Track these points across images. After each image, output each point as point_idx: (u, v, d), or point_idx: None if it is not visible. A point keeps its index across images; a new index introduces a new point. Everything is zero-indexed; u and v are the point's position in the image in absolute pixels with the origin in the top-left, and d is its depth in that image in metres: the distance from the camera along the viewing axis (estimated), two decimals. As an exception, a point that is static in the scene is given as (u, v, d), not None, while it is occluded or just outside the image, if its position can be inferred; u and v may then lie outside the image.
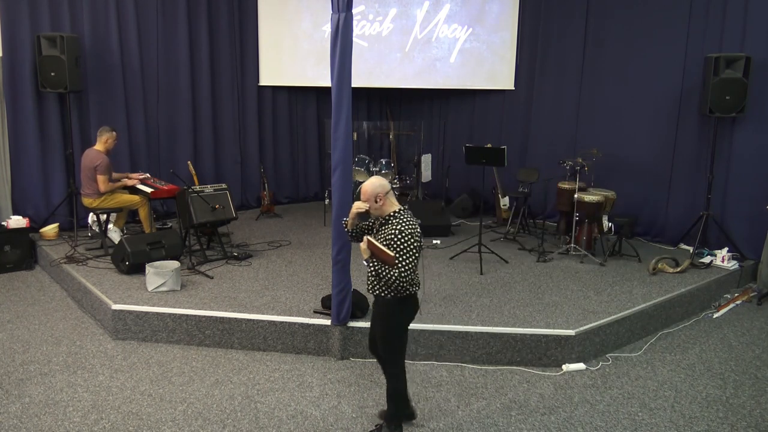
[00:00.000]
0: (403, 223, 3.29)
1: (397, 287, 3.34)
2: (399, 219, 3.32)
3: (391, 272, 3.26)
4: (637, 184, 7.38)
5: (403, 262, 3.24)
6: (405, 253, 3.25)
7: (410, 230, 3.27)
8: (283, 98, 9.26)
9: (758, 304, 5.99)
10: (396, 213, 3.37)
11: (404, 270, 3.25)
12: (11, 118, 6.87)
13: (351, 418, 3.82)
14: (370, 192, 3.35)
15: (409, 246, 3.25)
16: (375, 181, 3.39)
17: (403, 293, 3.39)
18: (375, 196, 3.34)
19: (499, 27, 8.63)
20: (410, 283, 3.38)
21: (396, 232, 3.26)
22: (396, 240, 3.24)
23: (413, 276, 3.35)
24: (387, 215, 3.38)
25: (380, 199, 3.35)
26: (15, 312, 5.46)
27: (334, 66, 4.28)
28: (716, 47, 6.62)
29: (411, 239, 3.26)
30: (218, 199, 6.35)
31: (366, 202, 3.39)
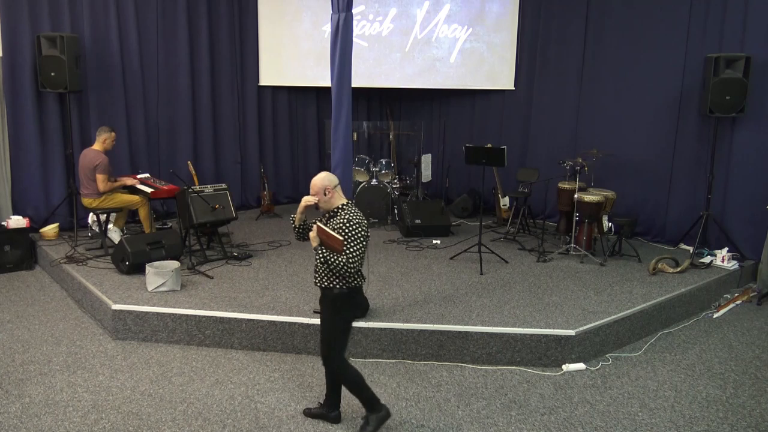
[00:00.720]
0: (350, 214, 3.41)
1: (345, 276, 3.41)
2: (347, 211, 3.44)
3: (339, 258, 3.34)
4: (637, 184, 7.38)
5: (350, 249, 3.34)
6: (352, 241, 3.35)
7: (358, 220, 3.40)
8: (283, 98, 9.26)
9: (758, 304, 5.99)
10: (344, 206, 3.48)
11: (351, 256, 3.34)
12: (11, 118, 6.88)
13: (351, 418, 3.82)
14: (320, 185, 3.46)
15: (356, 234, 3.36)
16: (324, 175, 3.50)
17: (351, 284, 3.46)
18: (324, 189, 3.45)
19: (499, 27, 8.63)
20: (359, 274, 3.48)
21: (345, 221, 3.37)
22: (345, 228, 3.35)
23: (360, 266, 3.44)
24: (335, 208, 3.49)
25: (329, 192, 3.46)
26: (15, 312, 5.46)
27: (334, 66, 4.29)
28: (716, 47, 6.62)
29: (359, 228, 3.37)
30: (218, 199, 6.35)
31: (315, 196, 3.49)
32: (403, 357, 4.63)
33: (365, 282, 3.59)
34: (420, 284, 5.63)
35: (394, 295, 5.29)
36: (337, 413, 3.77)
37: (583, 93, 7.89)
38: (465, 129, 9.34)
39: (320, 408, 3.81)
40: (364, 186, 7.82)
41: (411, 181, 8.69)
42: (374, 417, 3.59)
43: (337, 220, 3.41)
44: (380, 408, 3.61)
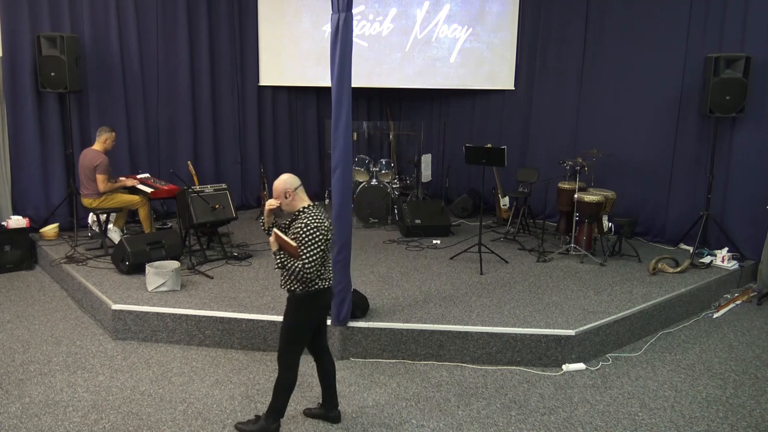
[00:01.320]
0: (309, 218, 3.37)
1: (303, 280, 3.38)
2: (307, 214, 3.41)
3: (295, 264, 3.32)
4: (637, 184, 7.38)
5: (306, 254, 3.31)
6: (309, 246, 3.31)
7: (316, 224, 3.34)
8: (283, 98, 9.26)
9: (758, 304, 5.99)
10: (305, 209, 3.45)
11: (307, 262, 3.30)
12: (11, 118, 6.87)
13: (351, 418, 3.82)
14: (281, 188, 3.43)
15: (313, 239, 3.32)
16: (285, 178, 3.47)
17: (312, 287, 3.43)
18: (284, 192, 3.43)
19: (499, 27, 8.63)
20: (318, 277, 3.43)
21: (302, 225, 3.34)
22: (301, 233, 3.32)
23: (319, 269, 3.41)
24: (297, 211, 3.46)
25: (290, 195, 3.43)
26: (15, 312, 5.46)
27: (334, 66, 4.28)
28: (716, 47, 6.62)
29: (316, 233, 3.33)
30: (218, 199, 6.35)
31: (277, 199, 3.46)
32: (403, 357, 4.63)
33: (330, 283, 3.53)
34: (420, 284, 5.63)
35: (394, 295, 5.29)
36: (336, 413, 3.78)
37: (583, 93, 7.89)
38: (465, 129, 9.34)
39: (319, 408, 3.81)
40: (364, 186, 7.82)
41: (411, 181, 8.70)
42: (264, 424, 3.55)
43: (297, 223, 3.38)
44: (275, 422, 3.56)
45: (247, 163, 8.96)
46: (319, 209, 3.48)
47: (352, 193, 6.06)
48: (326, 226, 3.41)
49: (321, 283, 3.46)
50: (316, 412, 3.81)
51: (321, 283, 3.46)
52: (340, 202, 4.39)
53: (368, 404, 4.00)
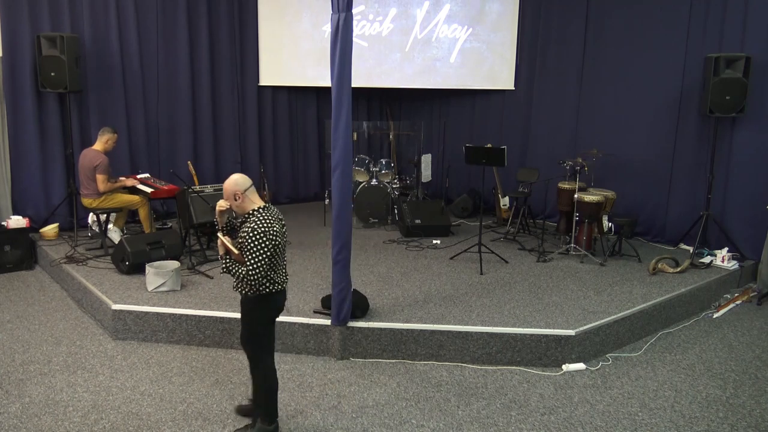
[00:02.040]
0: (257, 222, 3.28)
1: (251, 284, 3.34)
2: (256, 217, 3.32)
3: (240, 269, 3.29)
4: (637, 184, 7.38)
5: (251, 260, 3.24)
6: (253, 252, 3.24)
7: (263, 229, 3.25)
8: (283, 98, 9.27)
9: (758, 304, 5.99)
10: (254, 211, 3.36)
11: (251, 268, 3.24)
12: (11, 118, 6.88)
13: (351, 418, 3.83)
14: (230, 190, 3.35)
15: (258, 245, 3.24)
16: (235, 178, 3.39)
17: (262, 291, 3.39)
18: (233, 194, 3.35)
19: (499, 27, 8.63)
20: (269, 281, 3.38)
21: (249, 230, 3.27)
22: (247, 238, 3.26)
23: (268, 274, 3.36)
24: (247, 213, 3.38)
25: (239, 197, 3.34)
26: (15, 312, 5.46)
27: (334, 66, 4.28)
28: (716, 47, 6.62)
29: (263, 237, 3.25)
30: (218, 199, 6.32)
31: (227, 201, 3.40)
32: (403, 357, 4.63)
33: (283, 286, 3.48)
34: (420, 284, 5.63)
35: (394, 295, 5.29)
36: None
37: (583, 93, 7.89)
38: (465, 129, 9.34)
39: (251, 404, 3.77)
40: (364, 186, 7.82)
41: (411, 181, 8.70)
42: (262, 427, 3.54)
43: (245, 227, 3.31)
44: (273, 423, 3.55)
45: (247, 163, 8.96)
46: (271, 211, 3.39)
47: (352, 193, 6.06)
48: (276, 230, 3.30)
49: (271, 287, 3.40)
50: (247, 408, 3.79)
51: (271, 286, 3.40)
52: (340, 202, 4.39)
53: (368, 404, 4.00)
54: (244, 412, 3.80)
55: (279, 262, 3.41)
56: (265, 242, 3.25)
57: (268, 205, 3.42)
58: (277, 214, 3.44)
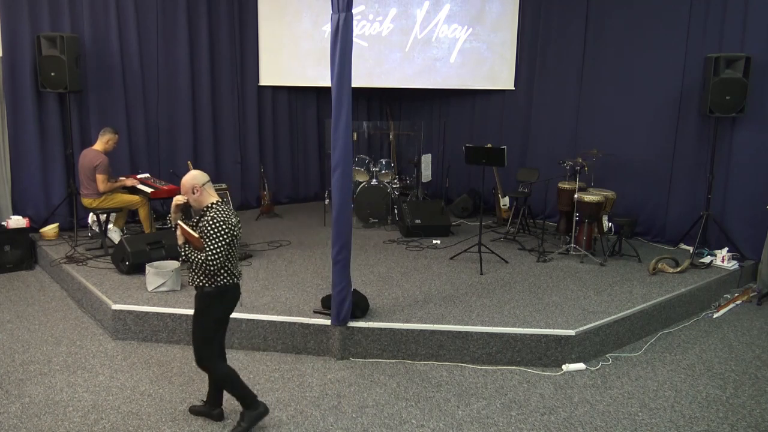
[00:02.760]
0: (216, 213, 3.41)
1: (210, 274, 3.42)
2: (215, 209, 3.44)
3: (199, 255, 3.38)
4: (637, 184, 7.38)
5: (210, 246, 3.35)
6: (213, 238, 3.35)
7: (222, 218, 3.39)
8: (283, 98, 9.26)
9: (758, 304, 5.99)
10: (212, 204, 3.48)
11: (210, 254, 3.34)
12: (11, 118, 6.88)
13: (351, 418, 3.83)
14: (188, 185, 3.47)
15: (217, 232, 3.36)
16: (193, 173, 3.51)
17: (220, 282, 3.46)
18: (192, 187, 3.46)
19: (499, 27, 8.63)
20: (227, 272, 3.47)
21: (208, 219, 3.39)
22: (207, 226, 3.37)
23: (225, 263, 3.44)
24: (205, 207, 3.49)
25: (197, 191, 3.46)
26: (15, 312, 5.46)
27: (334, 66, 4.28)
28: (716, 47, 6.61)
29: (222, 225, 3.37)
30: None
31: (185, 195, 3.50)
32: (403, 357, 4.63)
33: (238, 279, 3.57)
34: (420, 284, 5.63)
35: (394, 295, 5.29)
36: (219, 411, 3.77)
37: (583, 93, 7.89)
38: (465, 129, 9.34)
39: (204, 405, 3.80)
40: (364, 186, 7.82)
41: (411, 181, 8.69)
42: (249, 414, 3.60)
43: (204, 218, 3.43)
44: (257, 405, 3.63)
45: (247, 163, 8.96)
46: (227, 206, 3.51)
47: (352, 193, 6.06)
48: (233, 222, 3.44)
49: (228, 279, 3.48)
50: (199, 409, 3.81)
51: (228, 278, 3.49)
52: (340, 202, 4.39)
53: (368, 404, 4.00)
54: (197, 412, 3.81)
55: (235, 254, 3.52)
56: (225, 230, 3.38)
57: (224, 200, 3.56)
58: (233, 210, 3.57)
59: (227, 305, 3.59)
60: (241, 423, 3.59)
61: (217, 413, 3.76)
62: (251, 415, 3.60)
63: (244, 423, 3.59)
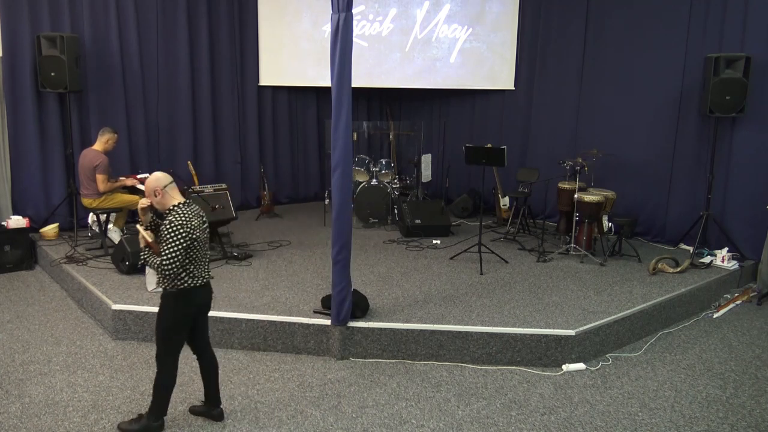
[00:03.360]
0: (175, 216, 3.38)
1: (169, 277, 3.39)
2: (176, 212, 3.41)
3: (155, 260, 3.38)
4: (637, 184, 7.38)
5: (165, 251, 3.32)
6: (169, 243, 3.32)
7: (180, 221, 3.35)
8: (283, 98, 9.27)
9: (758, 304, 5.99)
10: (174, 207, 3.44)
11: (165, 259, 3.32)
12: (11, 118, 6.88)
13: (351, 418, 3.83)
14: (150, 187, 3.44)
15: (174, 236, 3.32)
16: (156, 175, 3.48)
17: (181, 285, 3.43)
18: (153, 190, 3.44)
19: (499, 27, 8.63)
20: (188, 275, 3.43)
21: (167, 223, 3.37)
22: (164, 230, 3.35)
23: (187, 266, 3.41)
24: (167, 209, 3.46)
25: (159, 193, 3.43)
26: (15, 312, 5.46)
27: (334, 66, 4.28)
28: (716, 47, 6.61)
29: (180, 230, 3.33)
30: (218, 199, 6.35)
31: (148, 197, 3.48)
32: (403, 357, 4.63)
33: (203, 281, 3.52)
34: (420, 284, 5.63)
35: (394, 295, 5.29)
36: (219, 411, 3.77)
37: (583, 93, 7.89)
38: (465, 129, 9.34)
39: (203, 405, 3.81)
40: (364, 186, 7.82)
41: (411, 181, 8.69)
42: (147, 422, 3.58)
43: (165, 221, 3.40)
44: (158, 420, 3.60)
45: (247, 163, 8.96)
46: (190, 207, 3.48)
47: (352, 193, 6.06)
48: (194, 224, 3.39)
49: (191, 281, 3.45)
50: (199, 409, 3.81)
51: (191, 281, 3.44)
52: (340, 202, 4.39)
53: (368, 404, 4.00)
54: (197, 412, 3.81)
55: (199, 256, 3.48)
56: (182, 234, 3.33)
57: (188, 201, 3.52)
58: (198, 211, 3.54)
59: (188, 308, 3.53)
60: (135, 423, 3.59)
61: (217, 413, 3.77)
62: (150, 425, 3.58)
63: (137, 425, 3.58)
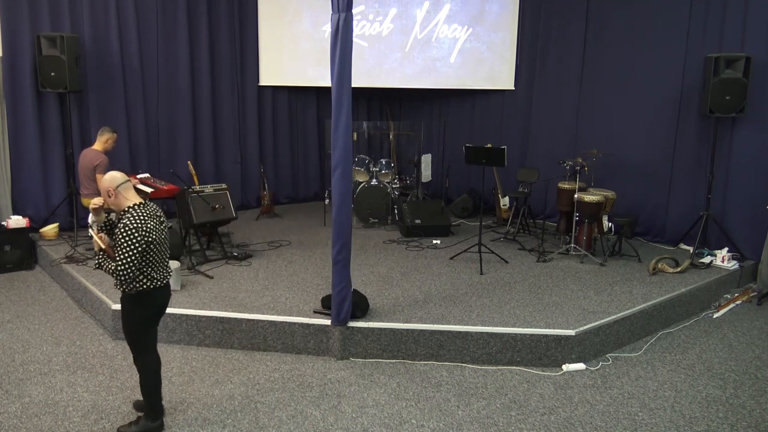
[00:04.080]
0: (130, 218, 3.30)
1: (123, 281, 3.32)
2: (130, 214, 3.34)
3: (110, 264, 3.31)
4: (637, 184, 7.38)
5: (120, 256, 3.25)
6: (123, 248, 3.25)
7: (134, 225, 3.27)
8: (283, 98, 9.27)
9: (758, 304, 5.99)
10: (129, 208, 3.38)
11: (120, 264, 3.24)
12: (11, 118, 6.88)
13: (351, 418, 3.83)
14: (103, 187, 3.37)
15: (128, 241, 3.24)
16: (111, 175, 3.40)
17: (139, 287, 3.39)
18: (106, 190, 3.37)
19: (499, 27, 8.63)
20: (146, 277, 3.39)
21: (121, 226, 3.29)
22: (119, 234, 3.28)
23: (143, 270, 3.37)
24: (123, 210, 3.40)
25: (112, 194, 3.36)
26: (15, 312, 5.46)
27: (334, 66, 4.28)
28: (716, 47, 6.62)
29: (135, 234, 3.26)
30: (218, 199, 6.35)
31: (102, 198, 3.42)
32: (403, 357, 4.63)
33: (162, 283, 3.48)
34: (420, 284, 5.63)
35: (394, 295, 5.29)
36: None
37: (583, 93, 7.89)
38: (465, 129, 9.34)
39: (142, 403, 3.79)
40: (364, 186, 7.82)
41: (411, 181, 8.70)
42: (145, 423, 3.57)
43: (120, 224, 3.33)
44: (156, 421, 3.60)
45: (247, 163, 8.96)
46: (146, 208, 3.40)
47: (352, 193, 6.06)
48: (150, 226, 3.32)
49: (149, 284, 3.40)
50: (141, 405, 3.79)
51: (149, 283, 3.40)
52: (340, 202, 4.39)
53: (368, 404, 4.00)
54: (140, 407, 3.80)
55: (157, 258, 3.42)
56: (136, 238, 3.26)
57: (146, 202, 3.45)
58: (155, 211, 3.46)
59: (148, 309, 3.49)
60: (134, 426, 3.58)
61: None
62: (148, 426, 3.57)
63: (135, 427, 3.57)
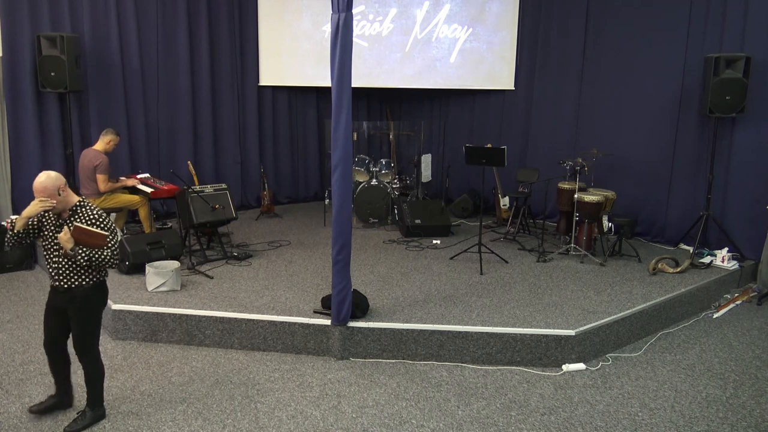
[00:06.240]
0: (89, 209, 3.42)
1: (99, 268, 3.42)
2: (88, 206, 3.43)
3: (103, 253, 3.37)
4: (637, 184, 7.38)
5: (112, 240, 3.40)
6: (112, 231, 3.42)
7: (99, 211, 3.44)
8: (283, 98, 9.26)
9: (758, 304, 5.99)
10: (80, 202, 3.45)
11: (114, 247, 3.41)
12: (11, 118, 6.88)
13: (351, 418, 3.83)
14: (53, 186, 3.34)
15: (107, 223, 3.41)
16: (53, 175, 3.38)
17: (101, 278, 3.54)
18: (58, 189, 3.36)
19: (499, 27, 8.63)
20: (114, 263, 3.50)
21: (96, 216, 3.39)
22: (100, 222, 3.38)
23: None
24: (74, 206, 3.44)
25: (63, 191, 3.39)
26: (15, 312, 5.46)
27: (334, 66, 4.28)
28: (716, 47, 6.62)
29: (105, 216, 3.45)
30: (218, 199, 6.35)
31: (51, 198, 3.35)
32: (403, 357, 4.63)
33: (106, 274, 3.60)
34: (420, 284, 5.63)
35: (394, 295, 5.29)
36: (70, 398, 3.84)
37: (583, 93, 7.89)
38: (465, 129, 9.34)
39: (51, 398, 3.81)
40: (364, 186, 7.82)
41: (411, 181, 8.69)
42: (92, 413, 3.66)
43: (85, 216, 3.37)
44: (101, 407, 3.72)
45: (247, 163, 8.96)
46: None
47: (352, 193, 6.07)
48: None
49: (103, 273, 3.57)
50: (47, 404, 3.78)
51: (103, 272, 3.56)
52: (340, 202, 4.39)
53: (368, 404, 4.00)
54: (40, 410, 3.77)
55: None
56: (110, 220, 3.43)
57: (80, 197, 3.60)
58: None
59: (105, 296, 3.65)
60: (83, 419, 3.63)
61: (68, 400, 3.83)
62: (96, 414, 3.67)
63: (85, 420, 3.63)
